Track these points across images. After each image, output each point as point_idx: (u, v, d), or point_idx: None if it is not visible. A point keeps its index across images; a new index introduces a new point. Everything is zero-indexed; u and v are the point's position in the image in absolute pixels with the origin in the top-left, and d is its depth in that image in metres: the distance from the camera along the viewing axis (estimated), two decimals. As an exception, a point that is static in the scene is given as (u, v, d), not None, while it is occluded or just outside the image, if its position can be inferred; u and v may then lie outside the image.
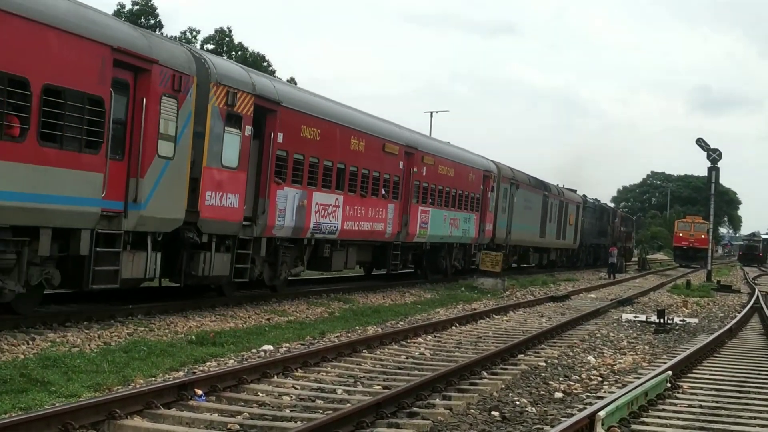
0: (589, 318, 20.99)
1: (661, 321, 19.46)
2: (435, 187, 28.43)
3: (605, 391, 11.11)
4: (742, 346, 16.70)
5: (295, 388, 10.23)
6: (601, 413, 8.47)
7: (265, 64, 57.69)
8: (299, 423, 8.25)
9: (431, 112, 59.68)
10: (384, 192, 24.39)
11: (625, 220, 72.88)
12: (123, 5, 54.59)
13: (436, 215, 28.53)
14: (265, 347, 13.10)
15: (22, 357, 10.74)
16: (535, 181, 41.70)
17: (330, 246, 21.82)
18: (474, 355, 13.14)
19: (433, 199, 28.32)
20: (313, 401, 9.61)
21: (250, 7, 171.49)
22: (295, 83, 48.03)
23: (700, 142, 44.08)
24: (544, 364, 13.18)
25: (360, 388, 10.56)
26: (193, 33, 57.67)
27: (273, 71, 55.19)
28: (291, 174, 18.99)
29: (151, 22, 54.49)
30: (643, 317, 20.88)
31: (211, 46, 56.74)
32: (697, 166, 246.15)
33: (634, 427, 9.06)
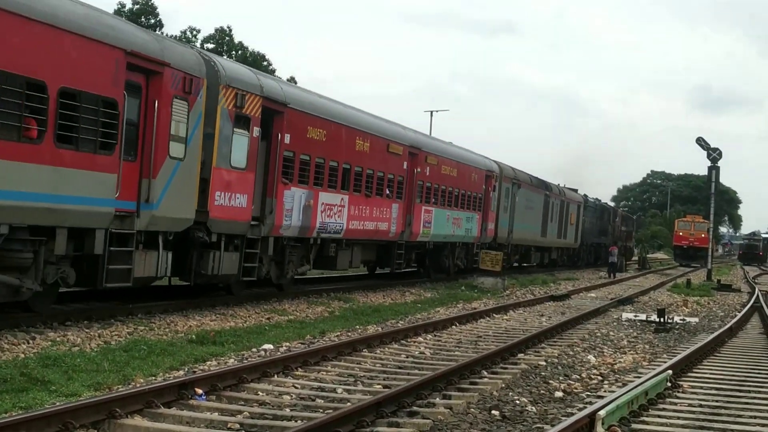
0: (590, 317, 20.95)
1: (662, 320, 19.44)
2: (438, 187, 28.63)
3: (605, 391, 11.10)
4: (742, 346, 16.66)
5: (296, 388, 10.21)
6: (602, 412, 8.46)
7: (265, 63, 57.33)
8: (299, 422, 8.24)
9: (431, 111, 59.41)
10: (388, 192, 24.60)
11: (626, 219, 72.93)
12: (123, 4, 54.25)
13: (439, 215, 28.74)
14: (266, 346, 13.07)
15: (23, 356, 10.74)
16: (537, 181, 41.83)
17: (335, 245, 22.04)
18: (474, 355, 13.08)
19: (437, 199, 28.52)
20: (313, 400, 9.60)
21: (250, 7, 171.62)
22: (296, 82, 48.06)
23: (700, 141, 44.02)
24: (545, 364, 13.16)
25: (360, 387, 10.55)
26: (194, 32, 57.48)
27: (273, 70, 54.93)
28: (298, 174, 19.22)
29: (152, 21, 54.12)
30: (643, 316, 20.83)
31: (211, 46, 56.44)
32: (697, 165, 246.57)
33: (635, 426, 9.04)
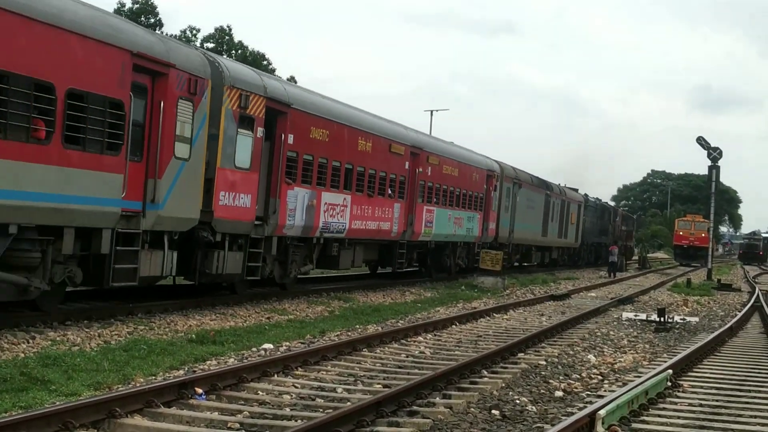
0: (590, 317, 20.96)
1: (662, 320, 19.46)
2: (440, 187, 28.76)
3: (605, 390, 11.09)
4: (742, 345, 16.67)
5: (296, 387, 10.21)
6: (602, 412, 8.47)
7: (265, 63, 57.42)
8: (299, 422, 8.25)
9: (431, 111, 58.76)
10: (390, 192, 24.74)
11: (626, 218, 73.01)
12: (123, 4, 54.45)
13: (441, 214, 28.87)
14: (266, 346, 13.05)
15: (23, 356, 10.74)
16: (538, 181, 41.94)
17: (338, 245, 22.17)
18: (474, 354, 13.07)
19: (438, 199, 28.64)
20: (313, 400, 9.59)
21: (250, 6, 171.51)
22: (296, 82, 48.13)
23: (701, 141, 44.02)
24: (545, 363, 13.15)
25: (360, 386, 10.54)
26: (193, 32, 57.63)
27: (273, 70, 54.92)
28: (301, 174, 19.35)
29: (151, 20, 54.24)
30: (643, 316, 20.86)
31: (211, 45, 56.51)
32: (698, 164, 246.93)
33: (635, 425, 9.04)
